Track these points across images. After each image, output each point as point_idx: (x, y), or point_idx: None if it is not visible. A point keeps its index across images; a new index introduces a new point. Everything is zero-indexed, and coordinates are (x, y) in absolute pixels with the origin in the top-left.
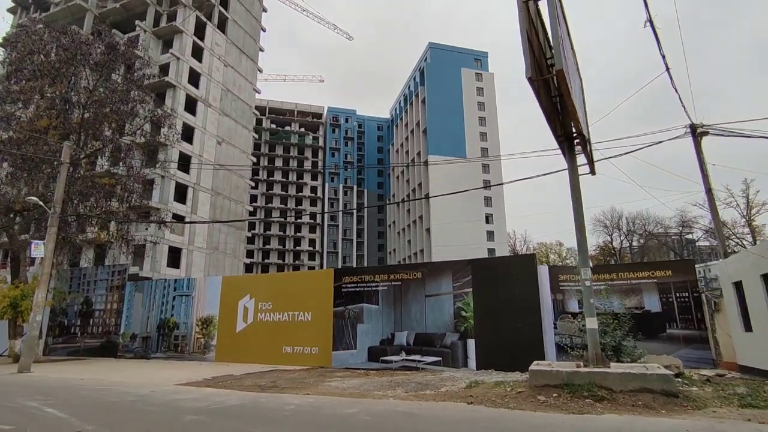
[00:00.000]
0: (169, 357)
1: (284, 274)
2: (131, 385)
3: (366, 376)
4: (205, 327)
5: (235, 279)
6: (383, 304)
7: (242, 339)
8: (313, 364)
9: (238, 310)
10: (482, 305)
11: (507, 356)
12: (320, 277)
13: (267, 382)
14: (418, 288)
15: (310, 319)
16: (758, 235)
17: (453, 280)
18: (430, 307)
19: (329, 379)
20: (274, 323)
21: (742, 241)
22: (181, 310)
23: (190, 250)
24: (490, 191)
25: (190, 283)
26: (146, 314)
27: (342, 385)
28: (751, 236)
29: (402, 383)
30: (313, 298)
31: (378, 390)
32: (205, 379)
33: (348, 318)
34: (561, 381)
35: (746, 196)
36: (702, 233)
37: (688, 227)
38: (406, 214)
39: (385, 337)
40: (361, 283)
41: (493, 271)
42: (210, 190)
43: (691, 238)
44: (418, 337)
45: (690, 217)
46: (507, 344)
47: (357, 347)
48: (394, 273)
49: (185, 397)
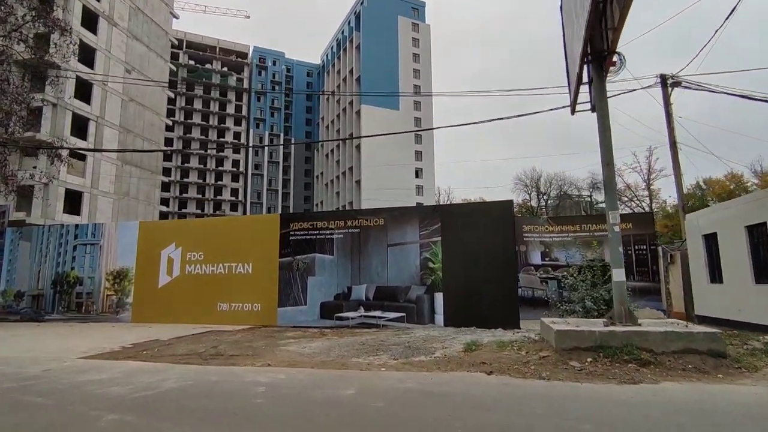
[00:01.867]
0: (71, 319)
1: (219, 219)
2: (14, 360)
3: (323, 336)
4: (117, 282)
5: (157, 225)
6: (339, 255)
7: (166, 295)
8: (256, 323)
9: (161, 261)
10: (452, 256)
11: (478, 312)
12: (263, 223)
13: (207, 348)
14: (379, 236)
15: (251, 271)
16: (654, 197)
17: (420, 228)
18: (393, 258)
19: (282, 341)
20: (206, 277)
21: (641, 203)
22: (85, 261)
23: (94, 195)
24: (420, 145)
25: (97, 229)
26: (36, 267)
27: (304, 350)
28: (649, 199)
29: (378, 346)
30: (255, 248)
31: (355, 356)
32: (124, 348)
33: (297, 270)
34: (593, 343)
35: (648, 162)
36: None
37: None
38: (335, 165)
39: (340, 291)
40: (312, 230)
41: (465, 219)
42: (118, 126)
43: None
44: (379, 290)
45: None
46: (479, 299)
47: (307, 303)
48: (352, 219)
49: (98, 377)
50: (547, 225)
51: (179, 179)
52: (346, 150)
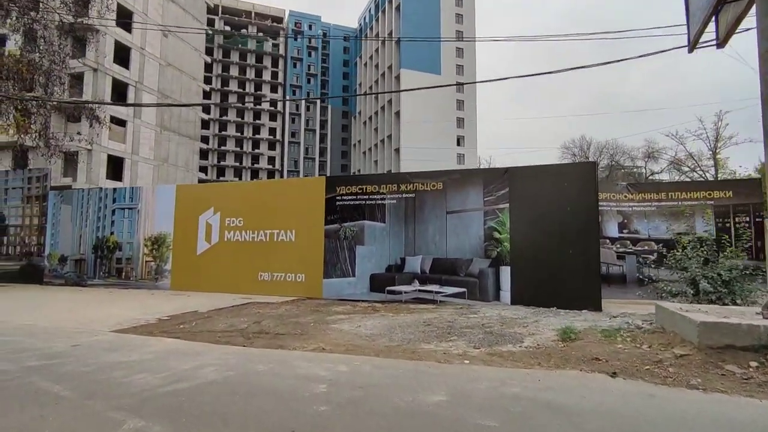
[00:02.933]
0: (111, 285)
1: (259, 182)
2: (43, 330)
3: (375, 311)
4: (156, 248)
5: (195, 188)
6: (391, 222)
7: (205, 263)
8: (299, 295)
9: (199, 227)
10: (522, 225)
11: (553, 289)
12: (307, 187)
13: (249, 324)
14: (437, 202)
15: (293, 239)
16: (720, 167)
17: (484, 193)
18: (453, 227)
19: (331, 317)
20: (246, 244)
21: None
22: (124, 226)
23: (135, 161)
24: (462, 111)
25: (135, 192)
26: (78, 232)
27: (359, 330)
28: (714, 169)
29: (447, 328)
30: (298, 214)
31: (424, 341)
32: (160, 320)
33: (344, 238)
34: (756, 341)
35: (717, 129)
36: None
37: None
38: (374, 133)
39: (392, 262)
40: (361, 194)
41: (539, 183)
42: (156, 92)
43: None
44: (436, 263)
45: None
46: (553, 275)
47: (356, 274)
48: (407, 183)
49: (127, 358)
50: (626, 192)
51: (217, 147)
52: (385, 117)
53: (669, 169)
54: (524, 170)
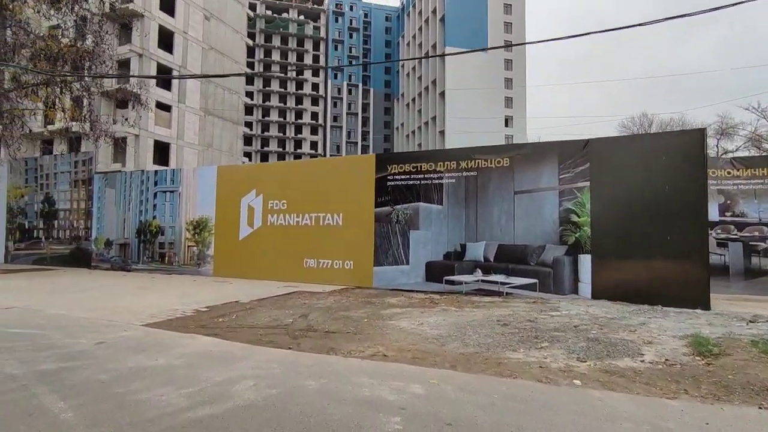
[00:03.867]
0: (155, 270)
1: (304, 161)
2: (73, 322)
3: (434, 304)
4: (198, 232)
5: (236, 169)
6: (449, 204)
7: (247, 249)
8: (347, 284)
9: (241, 210)
10: (606, 206)
11: (646, 282)
12: (356, 166)
13: (295, 318)
14: (504, 180)
15: (341, 223)
16: None
17: (560, 170)
18: (522, 209)
19: (386, 311)
20: (290, 228)
21: None
22: (166, 210)
23: (180, 146)
24: (510, 90)
25: (175, 175)
26: (121, 215)
27: (423, 330)
28: None
29: (530, 330)
30: (346, 195)
31: (508, 348)
32: (198, 311)
33: (396, 222)
34: None
35: None
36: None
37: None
38: (417, 115)
39: (451, 249)
40: (415, 173)
41: (628, 157)
42: None
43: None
44: (502, 250)
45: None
46: (647, 265)
47: (409, 262)
48: (468, 159)
49: (153, 362)
50: (730, 168)
51: (260, 133)
52: (429, 98)
53: (747, 147)
54: (609, 142)
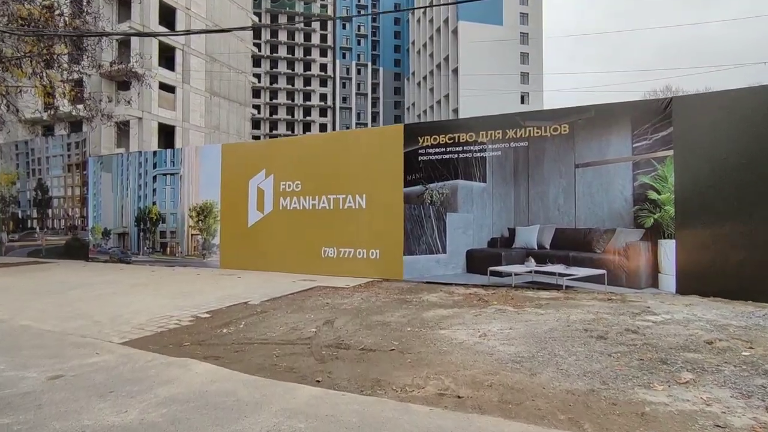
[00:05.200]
0: (156, 261)
1: (320, 136)
2: (35, 337)
3: (482, 301)
4: (202, 219)
5: (243, 147)
6: (494, 181)
7: (258, 237)
8: (374, 276)
9: (250, 193)
10: (695, 180)
11: (747, 275)
12: (381, 139)
13: (318, 327)
14: (562, 152)
15: (364, 206)
16: None
17: (633, 137)
18: (585, 185)
19: (429, 313)
20: (305, 213)
21: None
22: (167, 195)
23: (186, 129)
24: (526, 65)
25: (176, 155)
26: (119, 202)
27: (491, 345)
28: None
29: (644, 348)
30: (370, 173)
31: (628, 378)
32: (197, 318)
33: (430, 204)
34: None
35: None
36: None
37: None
38: (429, 94)
39: (497, 234)
40: (452, 145)
41: (724, 118)
42: (204, 54)
43: None
44: (561, 234)
45: None
46: (752, 253)
47: (447, 250)
48: (516, 127)
49: (116, 420)
50: None
51: (269, 116)
52: (441, 76)
53: None
54: (699, 100)
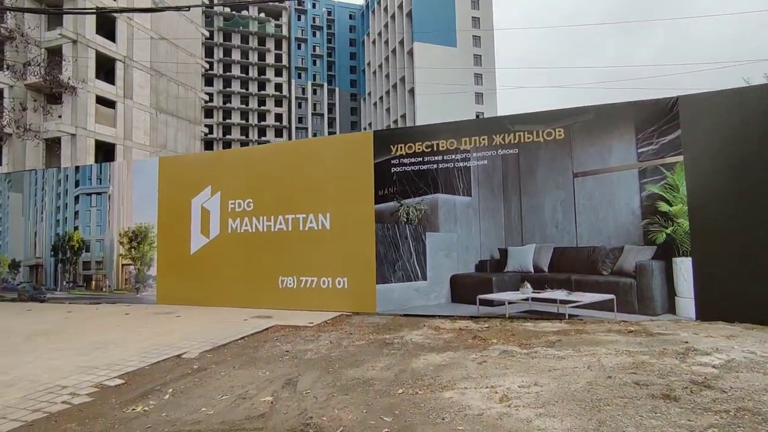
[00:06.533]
0: (78, 298)
1: (275, 146)
2: None
3: (480, 341)
4: (135, 246)
5: (184, 160)
6: (481, 194)
7: (202, 265)
8: (341, 309)
9: (192, 215)
10: (710, 188)
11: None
12: (346, 149)
13: (276, 396)
14: (557, 159)
15: (329, 226)
16: None
17: (637, 142)
18: (586, 197)
19: (418, 360)
20: (259, 236)
21: None
22: (92, 218)
23: (128, 147)
24: (480, 86)
25: (104, 171)
26: (31, 227)
27: (526, 417)
28: None
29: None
30: (335, 189)
31: None
32: (101, 389)
33: (407, 222)
34: None
35: None
36: None
37: None
38: (385, 114)
39: (486, 256)
40: (431, 154)
41: (738, 117)
42: (149, 68)
43: None
44: (560, 255)
45: None
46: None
47: (427, 276)
48: (504, 132)
49: None
50: None
51: (222, 136)
52: (398, 96)
53: None
54: (709, 99)
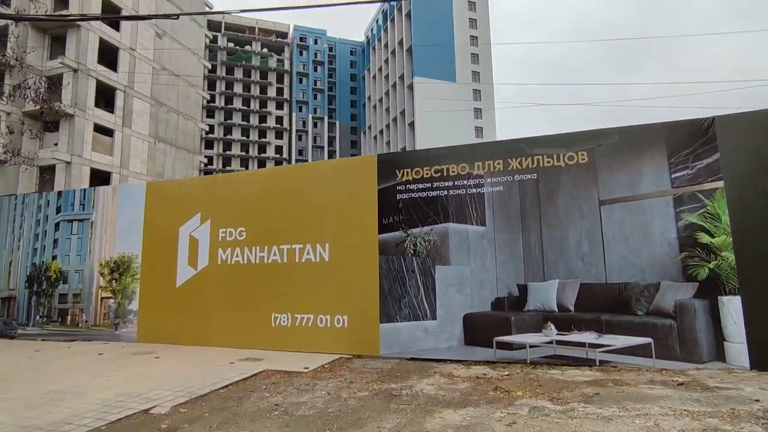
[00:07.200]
0: (51, 334)
1: (270, 170)
2: None
3: (503, 393)
4: (116, 278)
5: (173, 186)
6: (496, 223)
7: (188, 300)
8: (340, 351)
9: (180, 244)
10: (757, 217)
11: None
12: (348, 173)
13: None
14: (580, 185)
15: (327, 258)
16: None
17: (671, 166)
18: (616, 227)
19: (433, 419)
20: (250, 268)
21: None
22: (72, 246)
23: (124, 176)
24: (480, 120)
25: (87, 196)
26: (6, 257)
27: None
28: None
29: None
30: (335, 217)
31: None
32: None
33: (414, 255)
34: None
35: None
36: None
37: None
38: (385, 147)
39: (504, 293)
40: (441, 179)
41: None
42: (149, 98)
43: None
44: (587, 292)
45: None
46: None
47: (437, 315)
48: (520, 156)
49: None
50: None
51: (221, 168)
52: (398, 130)
53: None
54: (750, 119)
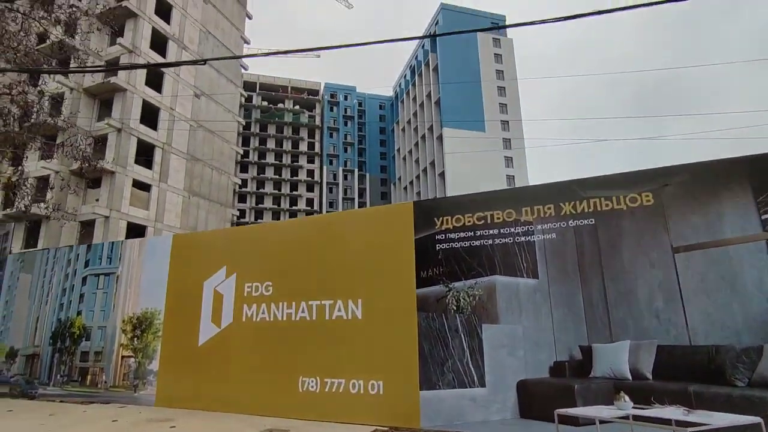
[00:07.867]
0: (70, 396)
1: (299, 221)
2: None
3: None
4: (138, 335)
5: (199, 238)
6: (551, 275)
7: (210, 360)
8: (375, 422)
9: (204, 299)
10: None
11: None
12: (383, 223)
13: None
14: (647, 230)
15: (360, 315)
16: None
17: (759, 206)
18: (695, 278)
19: None
20: (277, 326)
21: None
22: (97, 301)
23: (159, 229)
24: (512, 168)
25: (114, 249)
26: (35, 312)
27: None
28: None
29: None
30: (369, 271)
31: None
32: None
33: (457, 311)
34: None
35: None
36: None
37: None
38: (416, 198)
39: (564, 357)
40: (485, 227)
41: None
42: (185, 154)
43: None
44: (666, 357)
45: None
46: None
47: (485, 381)
48: (575, 200)
49: None
50: None
51: (254, 220)
52: (428, 180)
53: None
54: None
